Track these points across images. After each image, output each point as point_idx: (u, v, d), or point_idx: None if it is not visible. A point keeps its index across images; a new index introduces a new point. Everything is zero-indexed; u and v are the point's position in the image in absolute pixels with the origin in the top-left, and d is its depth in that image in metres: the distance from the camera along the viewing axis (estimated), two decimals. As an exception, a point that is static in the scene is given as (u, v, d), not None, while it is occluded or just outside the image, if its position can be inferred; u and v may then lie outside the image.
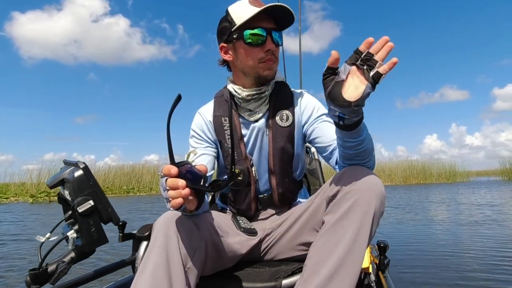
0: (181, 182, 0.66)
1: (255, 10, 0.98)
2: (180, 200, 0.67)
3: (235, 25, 1.01)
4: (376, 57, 0.71)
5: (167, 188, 0.68)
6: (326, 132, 1.05)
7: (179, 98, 0.68)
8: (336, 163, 0.99)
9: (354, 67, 0.73)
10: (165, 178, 0.68)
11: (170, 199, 0.68)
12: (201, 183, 0.71)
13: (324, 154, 1.06)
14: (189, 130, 1.16)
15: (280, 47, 1.09)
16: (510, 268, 2.40)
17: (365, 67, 0.71)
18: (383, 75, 0.70)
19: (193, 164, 0.72)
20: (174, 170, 0.66)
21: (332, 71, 0.74)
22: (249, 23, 1.00)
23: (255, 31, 1.00)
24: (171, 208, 0.72)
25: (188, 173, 0.68)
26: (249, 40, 1.01)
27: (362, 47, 0.72)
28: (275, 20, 1.04)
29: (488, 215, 5.16)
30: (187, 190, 0.66)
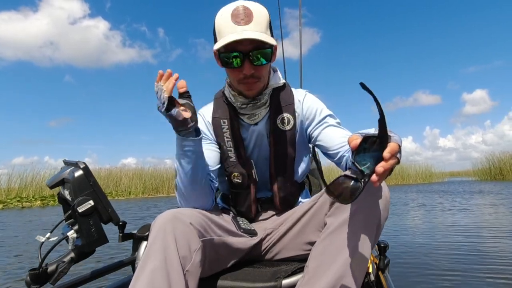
0: (168, 71, 0.82)
1: (229, 36, 0.92)
2: (173, 81, 0.82)
3: (217, 40, 0.97)
4: None
5: (164, 89, 0.80)
6: (332, 138, 1.04)
7: None
8: (346, 168, 0.98)
9: None
10: (162, 89, 0.81)
11: (164, 89, 0.81)
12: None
13: (333, 160, 1.05)
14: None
15: (280, 47, 1.08)
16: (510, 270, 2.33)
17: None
18: None
19: None
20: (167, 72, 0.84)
21: None
22: (227, 44, 0.93)
23: (231, 55, 0.95)
24: (165, 96, 0.81)
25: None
26: (226, 63, 0.98)
27: None
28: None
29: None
30: (176, 74, 0.82)
